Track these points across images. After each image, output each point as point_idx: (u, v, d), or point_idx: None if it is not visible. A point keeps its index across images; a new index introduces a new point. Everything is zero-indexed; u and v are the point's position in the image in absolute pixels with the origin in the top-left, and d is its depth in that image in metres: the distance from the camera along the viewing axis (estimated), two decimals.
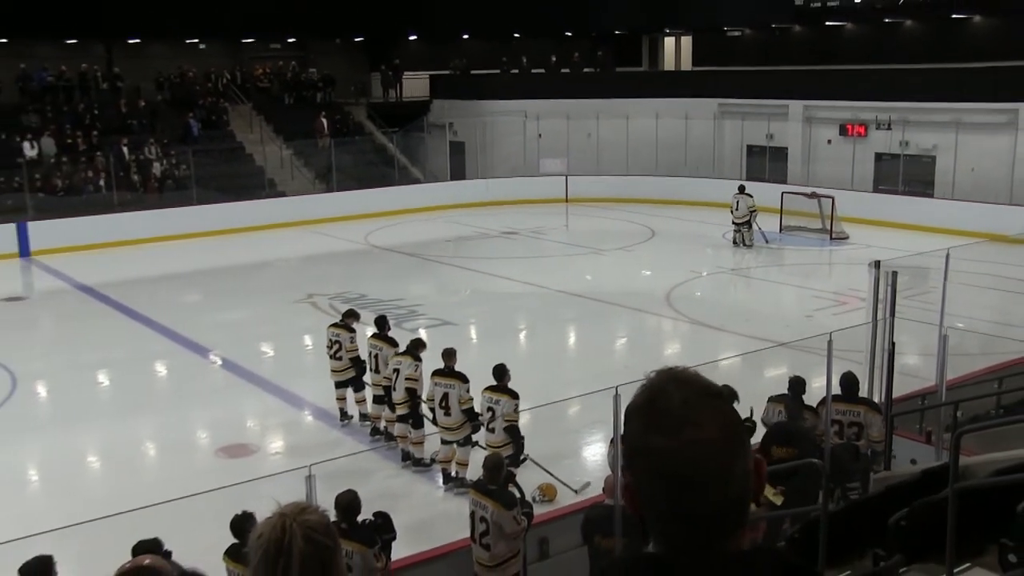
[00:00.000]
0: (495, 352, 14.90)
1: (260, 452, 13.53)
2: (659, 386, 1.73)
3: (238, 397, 16.02)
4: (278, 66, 40.72)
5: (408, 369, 12.29)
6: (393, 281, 23.60)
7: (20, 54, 35.61)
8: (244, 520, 7.39)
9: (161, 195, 31.69)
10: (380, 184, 34.84)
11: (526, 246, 27.97)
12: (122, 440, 14.58)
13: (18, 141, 31.39)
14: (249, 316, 21.71)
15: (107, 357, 18.90)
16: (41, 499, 12.81)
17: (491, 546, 8.59)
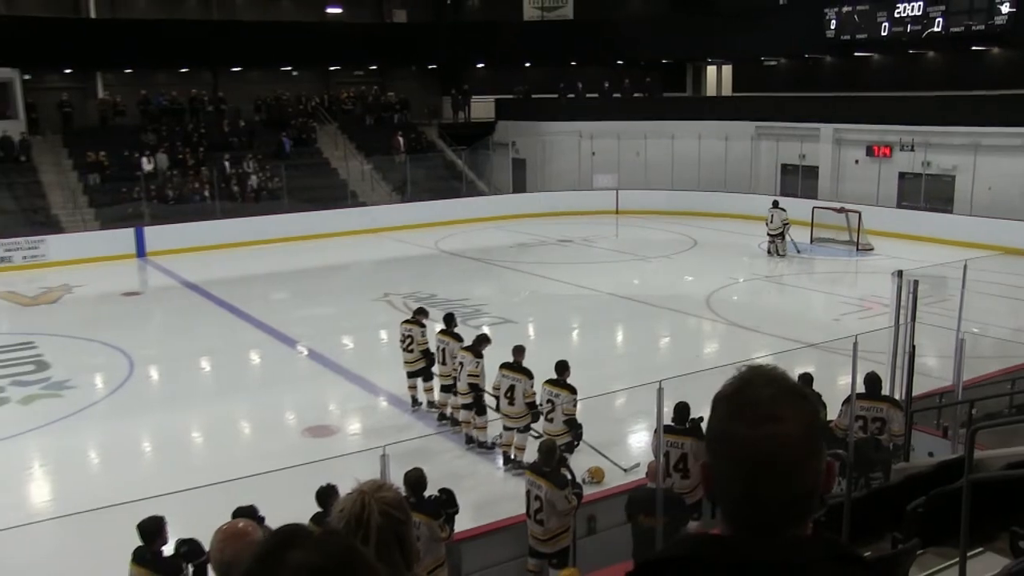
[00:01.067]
0: (551, 348, 14.93)
1: (340, 433, 13.62)
2: (749, 379, 1.67)
3: (322, 384, 16.11)
4: (361, 91, 40.97)
5: (470, 366, 12.35)
6: (460, 282, 23.67)
7: (141, 82, 36.37)
8: (328, 492, 7.49)
9: (257, 204, 32.00)
10: (449, 196, 34.95)
11: (579, 253, 27.92)
12: (221, 419, 14.79)
13: (138, 157, 31.94)
14: (332, 312, 21.84)
15: (209, 346, 19.13)
16: (154, 467, 12.95)
17: (544, 522, 8.62)
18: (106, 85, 36.33)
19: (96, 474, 12.95)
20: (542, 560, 8.75)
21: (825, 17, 32.24)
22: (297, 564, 1.22)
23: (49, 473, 12.88)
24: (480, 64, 41.71)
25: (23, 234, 28.10)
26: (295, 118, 37.27)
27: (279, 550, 1.25)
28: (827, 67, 36.60)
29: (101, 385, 16.37)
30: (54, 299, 23.56)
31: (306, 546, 1.26)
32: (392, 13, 41.13)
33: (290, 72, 39.96)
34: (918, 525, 6.05)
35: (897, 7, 30.25)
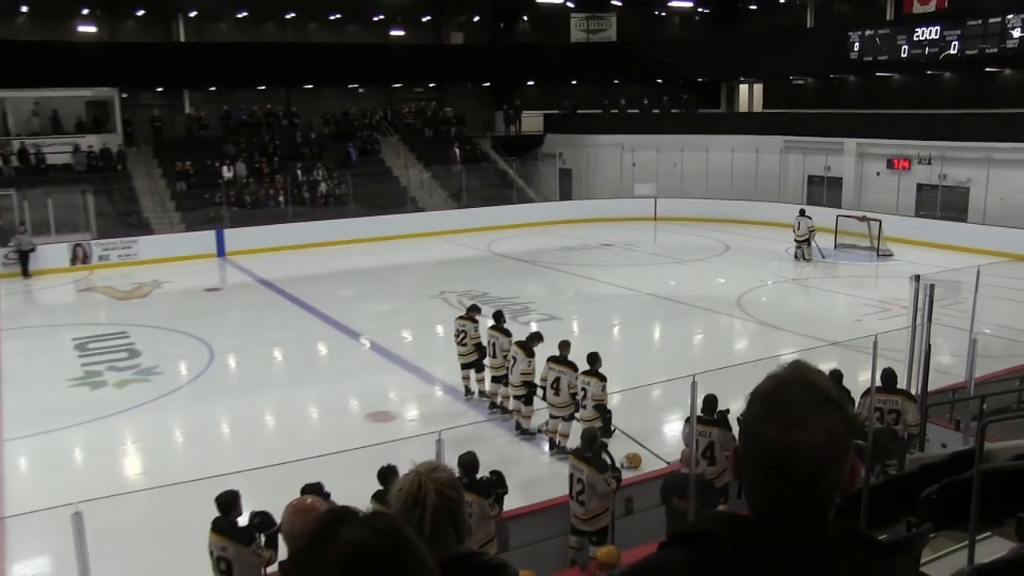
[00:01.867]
0: (594, 343, 14.86)
1: (399, 419, 13.66)
2: (785, 382, 1.64)
3: (383, 374, 16.15)
4: (421, 106, 41.12)
5: (522, 364, 12.38)
6: (510, 282, 23.68)
7: (223, 99, 36.87)
8: (388, 471, 7.53)
9: (325, 209, 32.22)
10: (501, 202, 34.95)
11: (620, 256, 27.80)
12: (292, 403, 14.89)
13: (219, 166, 32.34)
14: (392, 308, 21.93)
15: (281, 337, 19.29)
16: (230, 446, 13.13)
17: (585, 503, 8.61)
18: (192, 102, 36.85)
19: (179, 451, 13.13)
20: (583, 538, 8.74)
21: (849, 40, 31.84)
22: (348, 541, 1.23)
23: (139, 449, 13.09)
24: (530, 82, 41.70)
25: (118, 235, 28.58)
26: (361, 131, 37.50)
27: (331, 528, 1.25)
28: (850, 86, 36.15)
29: (185, 372, 16.56)
30: (145, 293, 23.93)
31: (356, 525, 1.26)
32: (450, 35, 41.26)
33: (357, 89, 40.22)
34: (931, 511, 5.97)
35: (916, 31, 29.86)
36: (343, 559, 1.21)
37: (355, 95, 40.12)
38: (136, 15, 35.73)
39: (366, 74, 37.98)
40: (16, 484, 11.66)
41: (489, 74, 40.49)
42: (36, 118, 32.72)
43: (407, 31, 40.70)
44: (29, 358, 18.30)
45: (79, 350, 17.99)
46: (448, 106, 41.09)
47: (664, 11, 42.10)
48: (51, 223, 28.16)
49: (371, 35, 39.93)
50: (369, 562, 1.22)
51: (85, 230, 28.50)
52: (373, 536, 1.25)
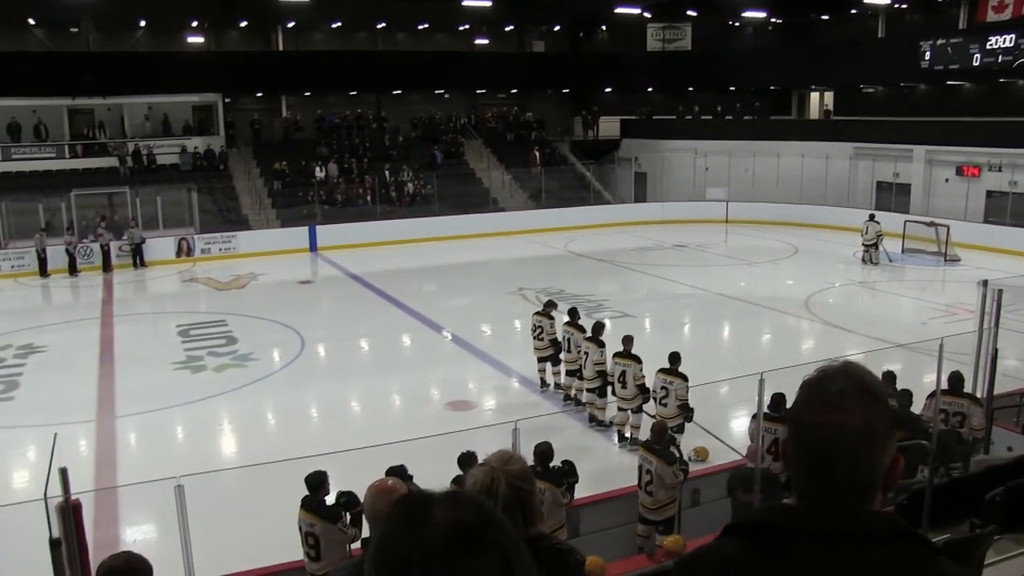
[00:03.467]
0: (665, 340, 14.78)
1: (478, 408, 13.70)
2: (829, 372, 1.67)
3: (462, 364, 16.22)
4: (503, 111, 41.19)
5: (595, 355, 12.33)
6: (586, 280, 23.58)
7: (318, 103, 37.48)
8: (468, 458, 7.58)
9: (411, 208, 32.51)
10: (578, 204, 34.83)
11: (692, 257, 27.48)
12: (376, 391, 15.08)
13: (312, 166, 32.90)
14: (473, 303, 22.04)
15: (368, 328, 19.54)
16: (319, 429, 13.31)
17: (653, 493, 8.54)
18: (289, 106, 37.56)
19: (272, 432, 13.39)
20: (650, 527, 8.68)
21: (920, 49, 30.94)
22: (443, 520, 1.22)
23: (235, 429, 13.40)
24: (608, 88, 41.47)
25: (219, 230, 29.30)
26: (446, 134, 37.75)
27: (422, 510, 1.25)
28: (920, 93, 35.10)
29: (278, 359, 16.86)
30: (242, 285, 24.46)
31: (446, 505, 1.26)
32: (532, 44, 41.28)
33: (442, 95, 40.50)
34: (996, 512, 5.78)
35: (989, 39, 28.86)
36: (444, 539, 1.20)
37: (441, 100, 40.42)
38: (240, 26, 36.55)
39: (451, 80, 38.26)
40: (126, 457, 12.05)
41: (569, 81, 40.40)
42: (148, 122, 33.71)
43: (491, 40, 40.82)
44: (138, 342, 18.89)
45: (182, 336, 18.49)
46: (529, 111, 41.09)
47: (738, 21, 41.45)
48: (159, 218, 29.01)
49: (457, 44, 40.14)
50: (470, 539, 1.21)
51: (189, 225, 29.28)
52: (467, 513, 1.25)
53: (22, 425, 13.30)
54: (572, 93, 41.63)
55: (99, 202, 29.29)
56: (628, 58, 39.33)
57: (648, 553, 8.55)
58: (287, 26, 36.41)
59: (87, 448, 12.17)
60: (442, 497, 1.29)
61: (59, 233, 26.88)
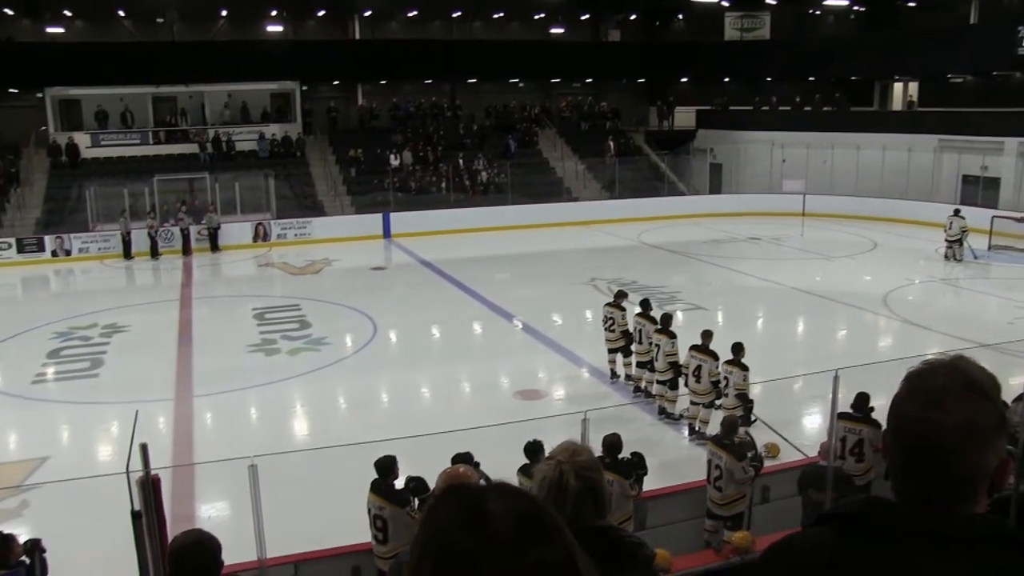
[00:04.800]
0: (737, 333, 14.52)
1: (547, 397, 13.66)
2: (935, 365, 1.64)
3: (532, 354, 16.18)
4: (577, 100, 41.03)
5: (667, 347, 12.23)
6: (658, 271, 23.35)
7: (393, 91, 37.87)
8: (535, 447, 7.58)
9: (485, 196, 32.61)
10: (652, 195, 34.53)
11: (767, 250, 27.04)
12: (447, 377, 15.17)
13: (387, 154, 33.23)
14: (544, 292, 21.96)
15: (439, 315, 19.61)
16: (389, 414, 13.43)
17: (722, 488, 8.44)
18: (365, 94, 37.97)
19: (342, 416, 13.59)
20: (718, 522, 8.59)
21: (1018, 35, 29.71)
22: (503, 513, 1.20)
23: (307, 412, 13.61)
24: (684, 79, 41.03)
25: (295, 216, 29.80)
26: (520, 123, 37.78)
27: (475, 504, 1.22)
28: (1013, 83, 33.85)
29: (350, 343, 17.10)
30: (316, 270, 24.85)
31: (498, 497, 1.23)
32: (607, 33, 40.98)
33: (517, 84, 40.51)
34: None
35: None
36: (511, 531, 1.18)
37: (515, 89, 40.44)
38: (317, 15, 37.04)
39: (526, 70, 38.22)
40: (202, 435, 12.35)
41: (644, 71, 40.03)
42: (228, 109, 34.43)
43: (566, 29, 40.69)
44: (215, 324, 19.33)
45: (257, 319, 18.86)
46: (604, 101, 40.88)
47: (818, 9, 40.57)
48: (237, 204, 29.63)
49: (532, 32, 40.10)
50: (534, 529, 1.20)
51: (266, 211, 29.83)
52: (524, 504, 1.23)
53: (106, 401, 13.74)
54: (647, 83, 41.30)
55: (180, 187, 30.07)
56: (705, 48, 38.78)
57: (715, 548, 8.45)
58: (364, 15, 36.78)
59: (165, 425, 12.51)
60: (494, 490, 1.26)
61: (142, 217, 27.68)
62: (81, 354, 16.49)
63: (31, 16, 33.66)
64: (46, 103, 32.33)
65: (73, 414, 13.57)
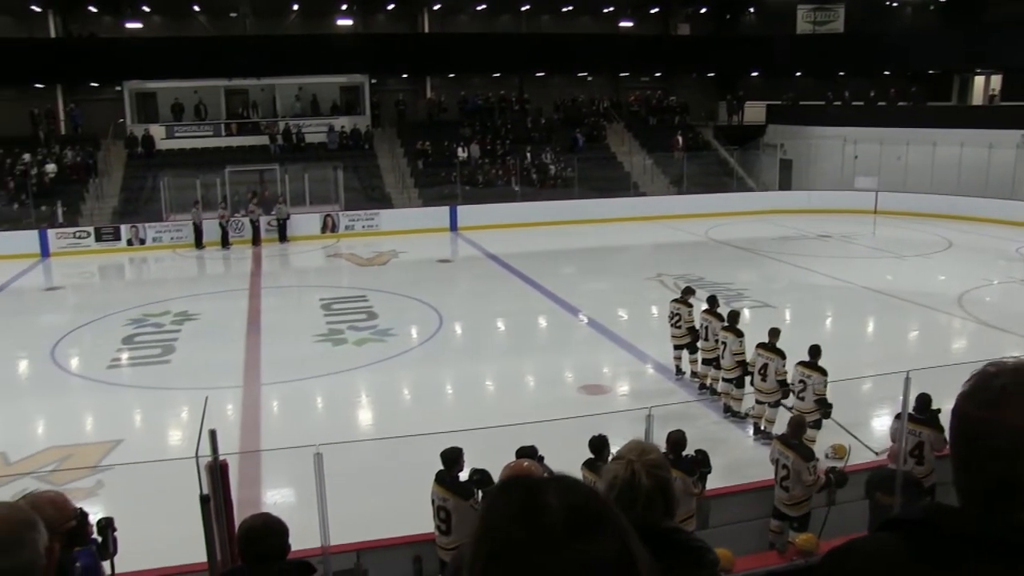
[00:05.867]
0: (804, 332, 14.32)
1: (611, 392, 13.57)
2: (999, 366, 1.58)
3: (597, 348, 16.09)
4: (646, 95, 40.75)
5: (734, 345, 12.06)
6: (726, 268, 23.06)
7: (461, 84, 38.05)
8: (600, 442, 7.53)
9: (552, 190, 32.58)
10: (721, 190, 34.19)
11: (837, 248, 26.50)
12: (511, 370, 15.18)
13: (455, 147, 33.38)
14: (610, 287, 21.88)
15: (504, 308, 19.69)
16: (454, 406, 13.47)
17: (789, 488, 8.30)
18: (433, 87, 38.23)
19: (407, 407, 13.65)
20: (784, 522, 8.44)
21: None
22: (559, 506, 1.19)
23: (372, 402, 13.72)
24: (754, 73, 40.45)
25: (363, 208, 30.12)
26: (588, 117, 37.66)
27: (533, 496, 1.22)
28: None
29: (416, 335, 17.18)
30: (383, 262, 25.09)
31: (557, 490, 1.23)
32: (677, 26, 40.61)
33: (585, 77, 40.39)
34: None
35: None
36: (565, 524, 1.17)
37: (583, 83, 40.31)
38: (387, 9, 37.38)
39: (594, 63, 38.02)
40: (269, 422, 12.54)
41: (714, 64, 39.56)
42: (298, 102, 34.95)
43: (635, 22, 40.39)
44: (283, 314, 19.65)
45: (325, 309, 19.10)
46: (672, 95, 40.52)
47: (895, 1, 39.62)
48: (306, 195, 30.07)
49: (601, 26, 39.89)
50: (590, 523, 1.19)
51: (335, 202, 30.21)
52: (579, 497, 1.22)
53: (177, 387, 14.05)
54: (717, 77, 40.82)
55: (251, 178, 30.61)
56: (776, 41, 38.09)
57: (780, 549, 8.32)
58: (433, 8, 37.02)
59: (233, 412, 12.73)
60: (552, 482, 1.25)
61: (214, 207, 28.25)
62: (154, 340, 16.90)
63: (112, 13, 34.58)
64: (124, 96, 33.22)
65: (145, 399, 13.90)
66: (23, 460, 11.10)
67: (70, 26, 34.34)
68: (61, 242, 27.14)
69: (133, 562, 6.64)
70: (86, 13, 34.26)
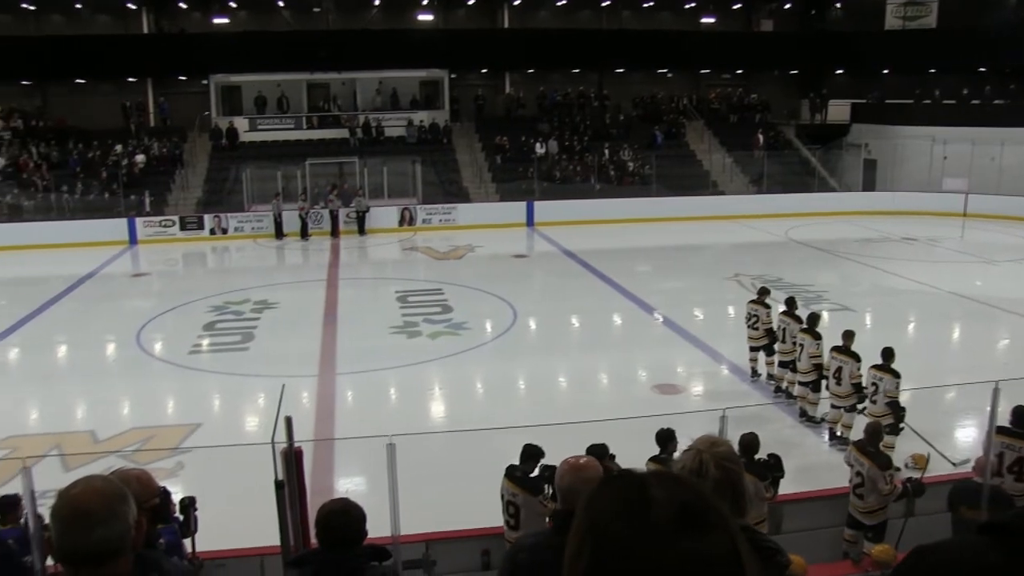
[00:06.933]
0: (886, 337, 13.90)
1: (685, 392, 13.41)
2: None
3: (672, 348, 15.93)
4: (726, 92, 40.22)
5: (811, 348, 11.82)
6: (805, 269, 22.65)
7: (541, 80, 38.00)
8: (667, 435, 7.47)
9: (629, 187, 32.38)
10: (802, 190, 33.47)
11: (922, 251, 25.77)
12: (584, 367, 15.11)
13: (532, 143, 33.40)
14: (686, 286, 21.67)
15: (579, 305, 19.59)
16: (526, 401, 13.51)
17: (864, 496, 8.10)
18: (512, 83, 38.27)
19: (479, 401, 13.74)
20: (859, 531, 8.25)
21: None
22: (665, 501, 1.18)
23: (445, 395, 13.81)
24: (839, 70, 39.55)
25: (440, 202, 30.36)
26: (667, 114, 37.32)
27: (638, 490, 1.20)
28: None
29: (490, 329, 17.26)
30: (459, 256, 25.25)
31: (663, 485, 1.21)
32: (760, 23, 39.94)
33: (665, 74, 40.01)
34: None
35: None
36: (671, 519, 1.16)
37: (663, 80, 39.94)
38: (467, 4, 37.51)
39: (675, 60, 37.68)
40: (343, 411, 12.73)
41: (797, 62, 38.82)
42: (379, 96, 35.37)
43: (718, 18, 39.85)
44: (359, 305, 19.93)
45: (400, 302, 19.31)
46: (754, 93, 39.91)
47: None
48: (385, 188, 30.44)
49: (682, 22, 39.45)
50: (696, 519, 1.17)
51: (412, 196, 30.49)
52: (689, 493, 1.20)
53: (254, 374, 14.35)
54: (800, 75, 40.04)
55: (330, 171, 31.10)
56: (863, 37, 37.18)
57: (854, 559, 8.12)
58: (513, 4, 37.04)
59: (309, 400, 12.95)
60: (657, 477, 1.24)
61: (294, 199, 28.78)
62: (234, 328, 17.31)
63: (201, 9, 35.48)
64: (210, 89, 34.08)
65: (224, 384, 14.25)
66: (110, 439, 11.52)
67: (161, 22, 35.35)
68: (148, 230, 27.97)
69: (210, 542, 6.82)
70: (177, 9, 35.25)
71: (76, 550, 2.12)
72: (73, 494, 2.15)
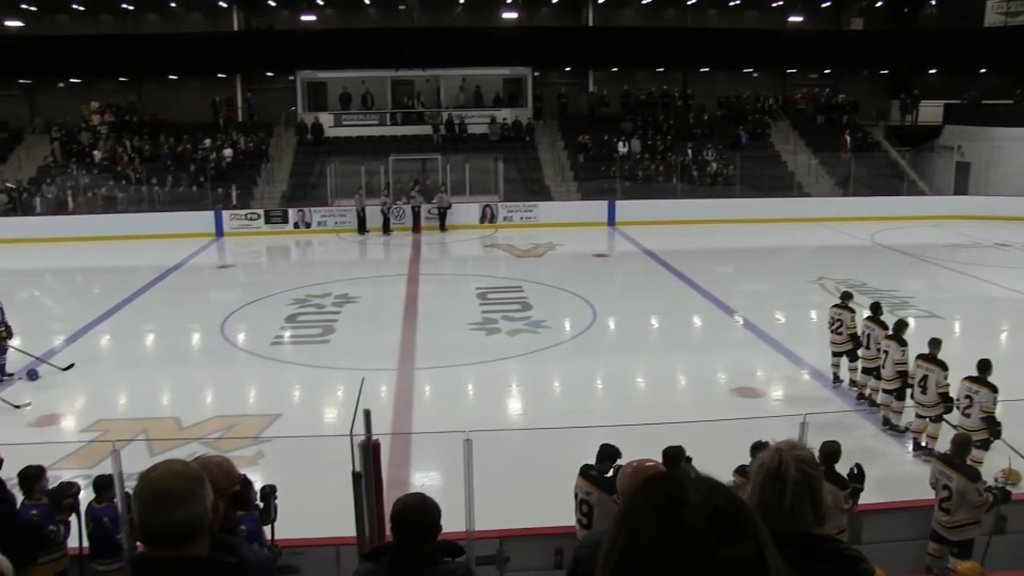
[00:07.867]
0: (975, 346, 13.51)
1: (765, 397, 13.21)
2: None
3: (752, 351, 15.67)
4: (813, 92, 39.40)
5: (896, 354, 11.48)
6: (891, 274, 22.05)
7: (624, 79, 37.82)
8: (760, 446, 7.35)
9: (712, 188, 32.00)
10: (890, 193, 32.63)
11: (1016, 258, 24.76)
12: (663, 368, 14.99)
13: (615, 141, 33.25)
14: (768, 288, 21.32)
15: (659, 305, 19.45)
16: (603, 401, 13.46)
17: (951, 511, 7.84)
18: (595, 81, 38.17)
19: (557, 399, 13.71)
20: (943, 547, 7.99)
21: None
22: (698, 504, 1.19)
23: (522, 392, 13.81)
24: (932, 70, 38.39)
25: (522, 199, 30.42)
26: (752, 114, 36.78)
27: (674, 493, 1.22)
28: None
29: (569, 328, 17.22)
30: (540, 253, 25.26)
31: (699, 489, 1.23)
32: (849, 21, 39.01)
33: (751, 74, 39.41)
34: None
35: None
36: (700, 522, 1.17)
37: (748, 79, 39.35)
38: (551, 2, 37.54)
39: (761, 59, 37.01)
40: (421, 406, 12.85)
41: (888, 61, 37.76)
42: (462, 93, 35.64)
43: (806, 17, 39.05)
44: (439, 300, 20.08)
45: (480, 298, 19.41)
46: (841, 93, 39.03)
47: None
48: (467, 185, 30.64)
49: (769, 21, 38.78)
50: (726, 524, 1.18)
51: (494, 193, 30.63)
52: (722, 499, 1.22)
53: (334, 366, 14.58)
54: (890, 74, 39.03)
55: (413, 167, 31.44)
56: (959, 36, 35.93)
57: (938, 574, 7.89)
58: (597, 2, 36.90)
59: (387, 394, 13.10)
60: (693, 481, 1.26)
61: (377, 194, 29.19)
62: (315, 320, 17.62)
63: (289, 6, 36.22)
64: (297, 85, 34.78)
65: (304, 376, 14.49)
66: (193, 426, 11.83)
67: (251, 19, 36.20)
68: (234, 223, 28.67)
69: (287, 530, 6.96)
70: (265, 7, 36.05)
71: (155, 529, 2.21)
72: (153, 476, 2.24)
